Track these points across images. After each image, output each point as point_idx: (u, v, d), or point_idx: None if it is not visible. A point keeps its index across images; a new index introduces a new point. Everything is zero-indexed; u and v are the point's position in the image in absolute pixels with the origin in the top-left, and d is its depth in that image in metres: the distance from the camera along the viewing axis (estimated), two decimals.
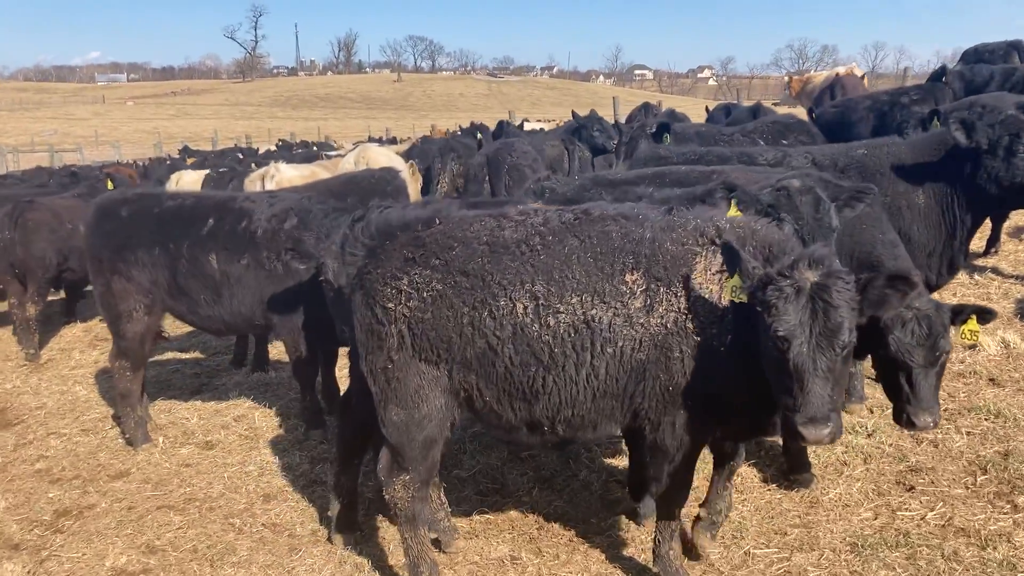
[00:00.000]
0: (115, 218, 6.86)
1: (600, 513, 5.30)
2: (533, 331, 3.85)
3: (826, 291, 3.34)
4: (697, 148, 6.96)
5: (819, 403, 3.33)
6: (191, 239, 6.66)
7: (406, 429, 4.16)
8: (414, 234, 4.12)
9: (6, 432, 7.70)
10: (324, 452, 6.61)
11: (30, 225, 10.17)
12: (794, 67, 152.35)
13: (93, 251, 6.91)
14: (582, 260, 3.84)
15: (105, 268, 6.81)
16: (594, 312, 3.80)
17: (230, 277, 6.58)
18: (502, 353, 3.90)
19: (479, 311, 3.89)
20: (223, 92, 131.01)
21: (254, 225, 6.59)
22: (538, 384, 3.92)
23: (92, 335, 11.15)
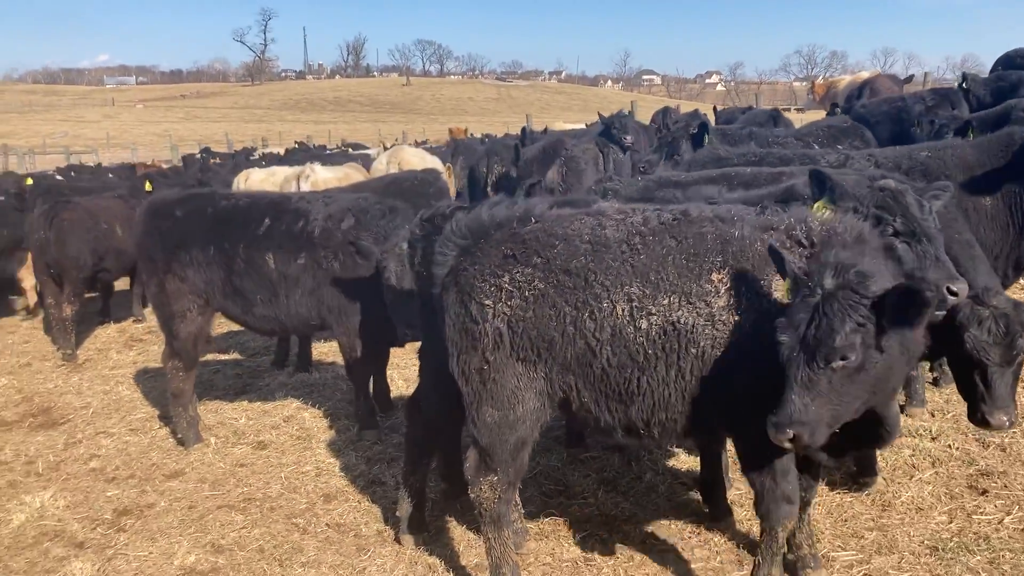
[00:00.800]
0: (169, 218, 6.86)
1: (670, 515, 5.26)
2: (629, 332, 3.82)
3: (830, 301, 3.27)
4: (756, 149, 6.94)
5: (793, 409, 3.29)
6: (247, 239, 6.65)
7: (498, 430, 4.13)
8: (512, 231, 4.09)
9: (54, 431, 7.69)
10: (379, 453, 6.61)
11: (65, 225, 10.18)
12: (803, 72, 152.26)
13: (146, 251, 6.90)
14: (676, 261, 3.81)
15: (159, 268, 6.81)
16: (680, 312, 3.76)
17: (287, 277, 6.57)
18: (600, 354, 3.87)
19: (581, 312, 3.87)
20: (232, 95, 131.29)
21: (311, 225, 6.58)
22: (633, 386, 3.88)
23: (127, 335, 11.17)
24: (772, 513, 4.02)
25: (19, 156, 37.69)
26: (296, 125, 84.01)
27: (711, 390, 3.80)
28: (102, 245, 10.52)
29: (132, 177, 15.03)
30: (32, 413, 8.26)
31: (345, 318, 6.60)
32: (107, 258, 10.63)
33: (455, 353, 4.21)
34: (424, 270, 5.04)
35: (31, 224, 10.38)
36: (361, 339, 6.65)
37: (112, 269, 10.86)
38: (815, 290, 3.31)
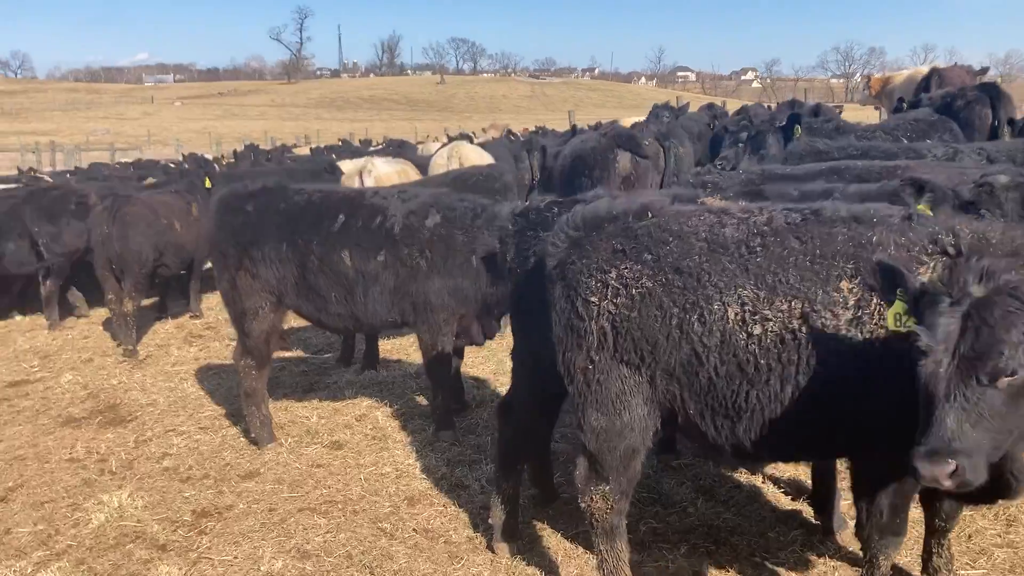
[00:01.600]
0: (241, 213, 6.70)
1: (777, 527, 5.01)
2: (740, 340, 3.54)
3: (987, 308, 2.82)
4: (857, 143, 6.67)
5: (949, 434, 2.80)
6: (322, 235, 6.49)
7: (606, 437, 3.90)
8: (624, 225, 3.86)
9: (123, 428, 7.59)
10: (459, 455, 6.41)
11: (128, 220, 10.10)
12: (840, 70, 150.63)
13: (218, 246, 6.75)
14: (799, 264, 3.51)
15: (230, 264, 6.66)
16: (801, 321, 3.46)
17: (365, 275, 6.40)
18: (707, 362, 3.60)
19: (689, 314, 3.60)
20: (269, 93, 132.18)
21: (390, 221, 6.41)
22: (741, 400, 3.58)
23: (186, 331, 11.09)
24: (876, 543, 3.68)
25: (66, 153, 38.04)
26: (332, 123, 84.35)
27: (833, 411, 3.44)
28: (162, 240, 10.44)
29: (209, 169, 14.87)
30: (99, 410, 8.17)
31: (430, 315, 6.43)
32: (166, 253, 10.55)
33: (561, 351, 3.98)
34: (518, 266, 4.86)
35: (93, 220, 10.31)
36: (445, 337, 6.47)
37: (171, 265, 10.79)
38: (960, 299, 2.89)
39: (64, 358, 10.17)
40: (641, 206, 3.97)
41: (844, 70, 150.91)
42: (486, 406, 7.30)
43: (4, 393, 8.93)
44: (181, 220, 10.85)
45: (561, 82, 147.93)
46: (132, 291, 10.09)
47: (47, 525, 5.79)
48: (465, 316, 6.38)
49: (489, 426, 6.82)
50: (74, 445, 7.25)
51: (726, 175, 5.69)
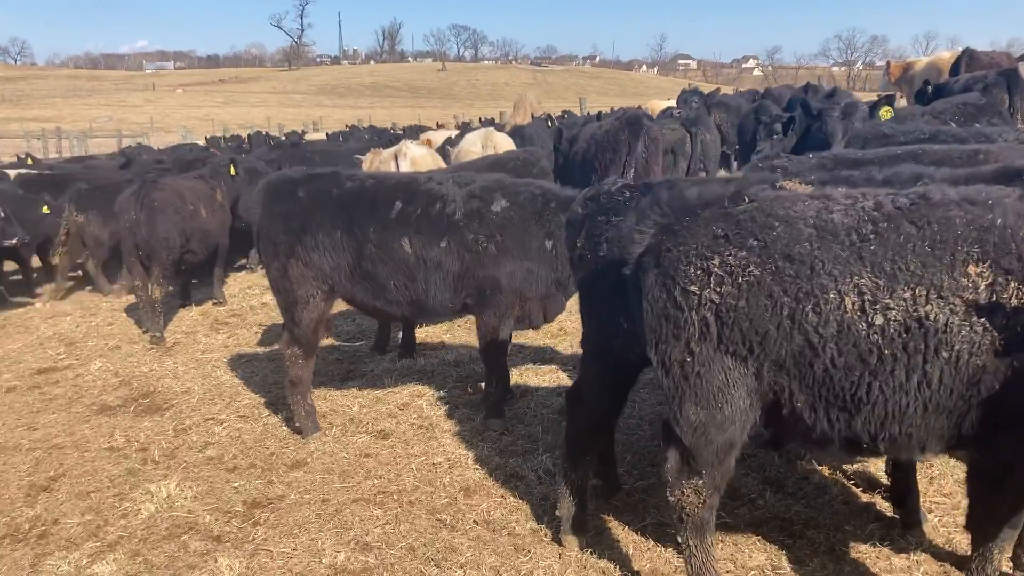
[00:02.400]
0: (292, 199, 6.53)
1: (852, 520, 4.88)
2: (860, 329, 3.40)
3: None
4: (924, 127, 6.52)
5: None
6: (378, 223, 6.34)
7: (704, 431, 3.76)
8: (723, 210, 3.71)
9: (160, 417, 7.46)
10: (510, 444, 6.29)
11: (156, 205, 9.95)
12: (842, 57, 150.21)
13: (268, 234, 6.57)
14: (918, 250, 3.39)
15: (281, 252, 6.50)
16: (928, 308, 3.34)
17: (427, 261, 6.28)
18: (823, 353, 3.46)
19: (802, 303, 3.46)
20: (269, 80, 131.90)
21: (451, 207, 6.30)
22: (861, 392, 3.45)
23: (211, 319, 10.95)
24: (991, 535, 3.58)
25: (71, 140, 37.83)
26: (335, 110, 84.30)
27: (962, 401, 3.32)
28: (189, 226, 10.30)
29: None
30: (134, 398, 8.04)
31: (498, 299, 6.35)
32: (193, 239, 10.41)
33: (654, 342, 3.84)
34: (588, 252, 4.72)
35: (120, 205, 10.16)
36: (508, 321, 6.42)
37: (197, 251, 10.64)
38: None
39: (91, 345, 10.04)
40: (735, 191, 3.83)
41: (846, 58, 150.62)
42: (531, 395, 7.17)
43: (34, 381, 8.81)
44: (207, 206, 10.71)
45: (563, 70, 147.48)
46: (160, 278, 9.95)
47: (95, 515, 5.67)
48: (531, 300, 6.32)
49: (538, 415, 6.71)
50: (112, 433, 7.13)
51: (796, 159, 5.55)
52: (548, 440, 6.25)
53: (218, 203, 10.92)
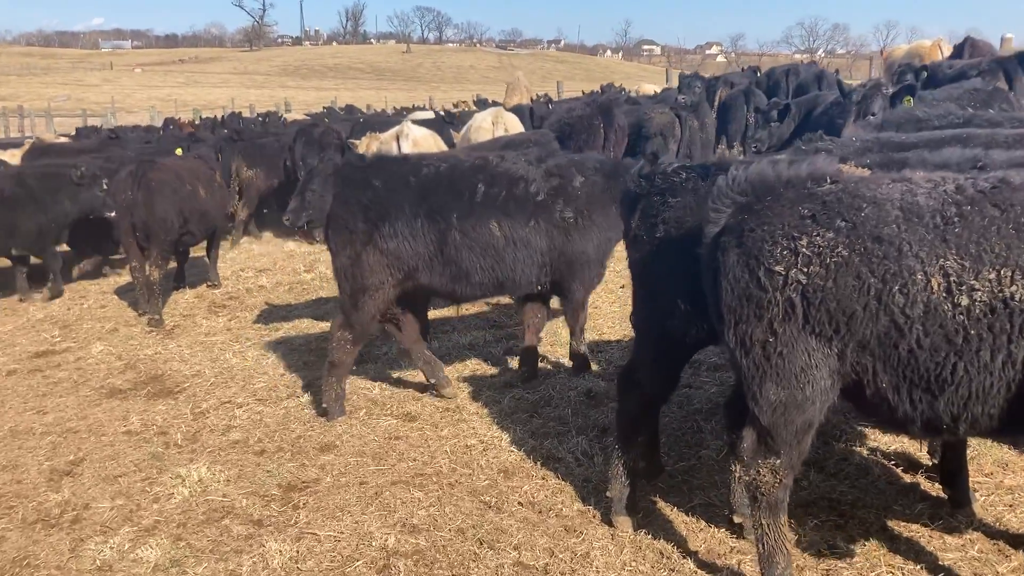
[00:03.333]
0: (368, 187, 6.44)
1: (899, 500, 4.93)
2: (946, 310, 3.42)
3: None
4: (957, 111, 6.58)
5: None
6: (462, 207, 6.36)
7: (784, 410, 3.77)
8: (808, 190, 3.71)
9: (174, 400, 7.34)
10: (541, 426, 6.27)
11: (154, 186, 9.75)
12: (804, 45, 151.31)
13: (343, 222, 6.45)
14: (1002, 231, 3.41)
15: (357, 240, 6.39)
16: (1013, 289, 3.36)
17: (516, 242, 6.41)
18: (909, 334, 3.48)
19: (889, 284, 3.47)
20: (230, 61, 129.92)
21: (534, 186, 6.49)
22: (946, 373, 3.47)
23: (208, 301, 10.79)
24: None
25: (32, 118, 36.97)
26: (298, 91, 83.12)
27: None
28: (187, 207, 10.11)
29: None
30: (142, 381, 7.90)
31: (588, 271, 6.72)
32: (191, 220, 10.23)
33: (732, 322, 3.83)
34: (644, 233, 4.70)
35: (116, 185, 9.94)
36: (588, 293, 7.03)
37: (195, 232, 10.46)
38: None
39: (86, 328, 9.85)
40: (816, 170, 3.82)
41: (808, 45, 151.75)
42: (556, 377, 7.15)
43: (34, 364, 8.62)
44: (204, 186, 10.52)
45: (528, 54, 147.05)
46: (158, 259, 9.77)
47: (126, 500, 5.56)
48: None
49: (565, 398, 6.69)
50: (127, 417, 7.00)
51: (840, 143, 5.57)
52: (579, 422, 6.24)
53: (217, 184, 10.72)
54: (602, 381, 6.96)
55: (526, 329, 7.20)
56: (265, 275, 11.94)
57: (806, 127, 10.66)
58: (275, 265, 12.60)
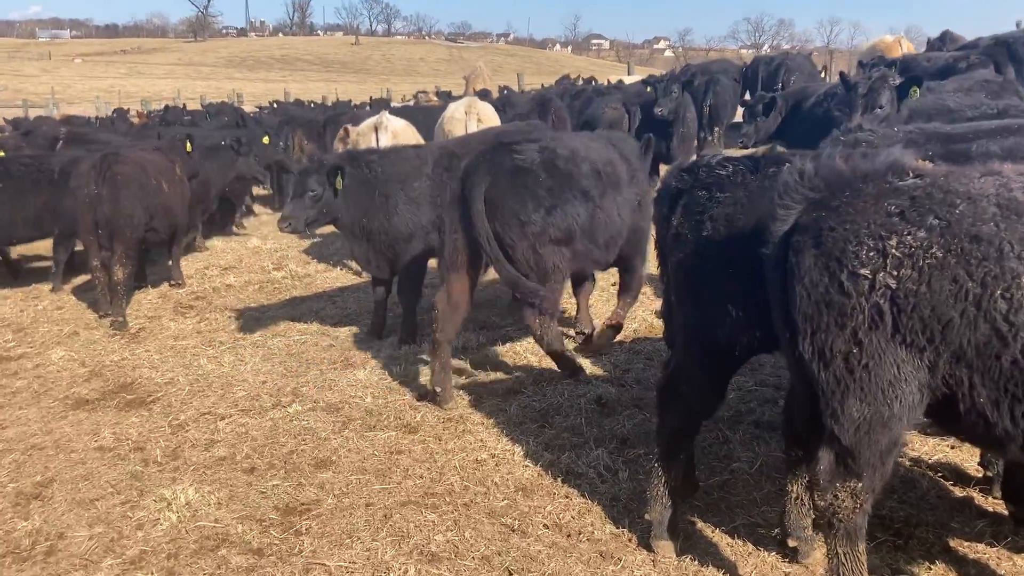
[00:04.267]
0: (533, 175, 6.30)
1: (956, 517, 4.61)
2: None
3: None
4: (989, 101, 6.30)
5: None
6: (599, 189, 6.51)
7: (868, 429, 3.40)
8: (891, 185, 3.34)
9: (148, 412, 6.78)
10: (554, 438, 5.85)
11: (119, 180, 9.12)
12: (750, 40, 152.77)
13: (513, 213, 6.24)
14: None
15: (531, 232, 6.25)
16: None
17: (623, 219, 6.71)
18: (1013, 343, 3.13)
19: (990, 288, 3.12)
20: (174, 52, 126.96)
21: (631, 168, 6.91)
22: None
23: (173, 302, 10.18)
24: None
25: None
26: (246, 83, 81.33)
27: None
28: (153, 202, 9.49)
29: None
30: (111, 390, 7.32)
31: (646, 247, 7.02)
32: (157, 216, 9.61)
33: (808, 330, 3.44)
34: (688, 231, 4.30)
35: (77, 179, 9.28)
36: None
37: (160, 229, 9.84)
38: None
39: (43, 331, 9.19)
40: (895, 162, 3.46)
41: (754, 40, 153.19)
42: (562, 385, 6.71)
43: None
44: (168, 180, 9.90)
45: (479, 46, 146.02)
46: (123, 257, 9.14)
47: (106, 527, 5.03)
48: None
49: (575, 406, 6.27)
50: (97, 431, 6.44)
51: (881, 134, 5.24)
52: (595, 433, 5.83)
53: (178, 177, 10.10)
54: (611, 387, 6.56)
55: (586, 308, 7.83)
56: (232, 273, 11.35)
57: (796, 120, 10.41)
58: (241, 263, 12.01)
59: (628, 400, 6.33)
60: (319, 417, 6.40)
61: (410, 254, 7.75)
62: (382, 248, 7.72)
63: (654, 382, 6.53)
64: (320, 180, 7.01)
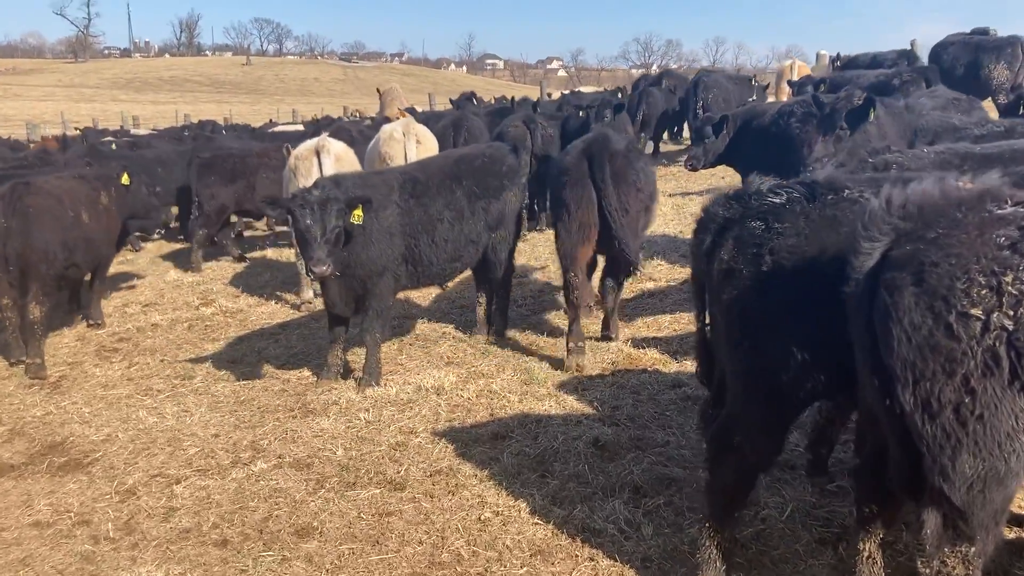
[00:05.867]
0: (643, 173, 7.34)
1: (1016, 563, 4.32)
2: None
3: None
4: (995, 119, 6.14)
5: None
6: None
7: (982, 487, 3.03)
8: (995, 214, 2.99)
9: (86, 476, 6.01)
10: (559, 488, 5.34)
11: (31, 212, 8.25)
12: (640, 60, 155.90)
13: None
14: None
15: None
16: None
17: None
18: None
19: None
20: (53, 73, 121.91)
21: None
22: None
23: (94, 345, 9.29)
24: None
25: None
26: (133, 105, 78.14)
27: None
28: (71, 235, 8.62)
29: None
30: (39, 452, 6.49)
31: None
32: (77, 251, 8.74)
33: (909, 378, 3.06)
34: (742, 266, 3.89)
35: None
36: None
37: (82, 265, 8.96)
38: None
39: None
40: (989, 189, 3.13)
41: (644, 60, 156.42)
42: (548, 426, 6.23)
43: None
44: (88, 210, 9.02)
45: (374, 66, 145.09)
46: (38, 295, 8.25)
47: None
48: None
49: (572, 451, 5.79)
50: (30, 502, 5.65)
51: (911, 154, 4.97)
52: (601, 481, 5.37)
53: (103, 207, 9.23)
54: (605, 427, 6.11)
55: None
56: (155, 310, 10.49)
57: (747, 140, 10.23)
58: (163, 298, 11.14)
59: (628, 441, 5.89)
60: (288, 475, 5.75)
61: (381, 288, 7.16)
62: (354, 284, 7.11)
63: (648, 419, 6.23)
64: (340, 213, 6.36)
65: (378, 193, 6.86)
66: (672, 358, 7.36)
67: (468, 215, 7.46)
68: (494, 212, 7.71)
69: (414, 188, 7.16)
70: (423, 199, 7.17)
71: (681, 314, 8.54)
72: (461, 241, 7.47)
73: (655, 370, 7.15)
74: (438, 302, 9.73)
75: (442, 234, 7.27)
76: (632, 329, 8.31)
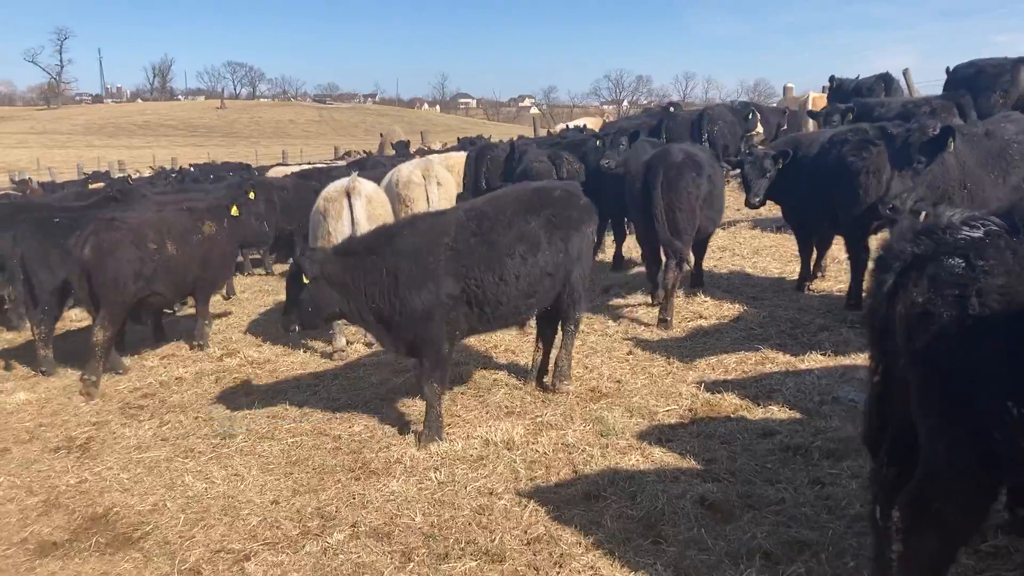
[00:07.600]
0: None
1: None
2: None
3: None
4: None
5: None
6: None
7: None
8: None
9: (137, 553, 5.42)
10: (677, 557, 4.82)
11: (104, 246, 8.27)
12: (611, 96, 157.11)
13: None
14: None
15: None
16: None
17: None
18: None
19: None
20: (25, 120, 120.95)
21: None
22: None
23: (117, 403, 8.65)
24: None
25: None
26: (108, 150, 77.59)
27: None
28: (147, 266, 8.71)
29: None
30: (81, 526, 5.89)
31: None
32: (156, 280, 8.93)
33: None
34: (942, 309, 3.43)
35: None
36: None
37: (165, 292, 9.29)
38: None
39: None
40: None
41: (615, 96, 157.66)
42: (640, 482, 5.73)
43: None
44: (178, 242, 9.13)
45: (349, 107, 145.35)
46: (105, 320, 7.70)
47: None
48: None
49: (679, 511, 5.28)
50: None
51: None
52: (723, 546, 4.85)
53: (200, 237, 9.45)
54: (706, 483, 5.61)
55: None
56: (176, 363, 9.90)
57: (791, 171, 9.85)
58: (180, 349, 10.54)
59: (737, 499, 5.39)
60: (369, 547, 5.20)
61: (432, 333, 6.67)
62: (399, 329, 6.69)
63: (750, 473, 5.74)
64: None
65: (424, 239, 6.56)
66: (754, 403, 6.89)
67: (545, 246, 6.93)
68: (574, 244, 7.18)
69: (479, 225, 6.69)
70: (490, 235, 6.69)
71: (746, 354, 8.12)
72: (536, 275, 6.95)
73: (740, 416, 6.68)
74: (483, 346, 9.21)
75: (512, 270, 6.74)
76: (697, 372, 7.85)
